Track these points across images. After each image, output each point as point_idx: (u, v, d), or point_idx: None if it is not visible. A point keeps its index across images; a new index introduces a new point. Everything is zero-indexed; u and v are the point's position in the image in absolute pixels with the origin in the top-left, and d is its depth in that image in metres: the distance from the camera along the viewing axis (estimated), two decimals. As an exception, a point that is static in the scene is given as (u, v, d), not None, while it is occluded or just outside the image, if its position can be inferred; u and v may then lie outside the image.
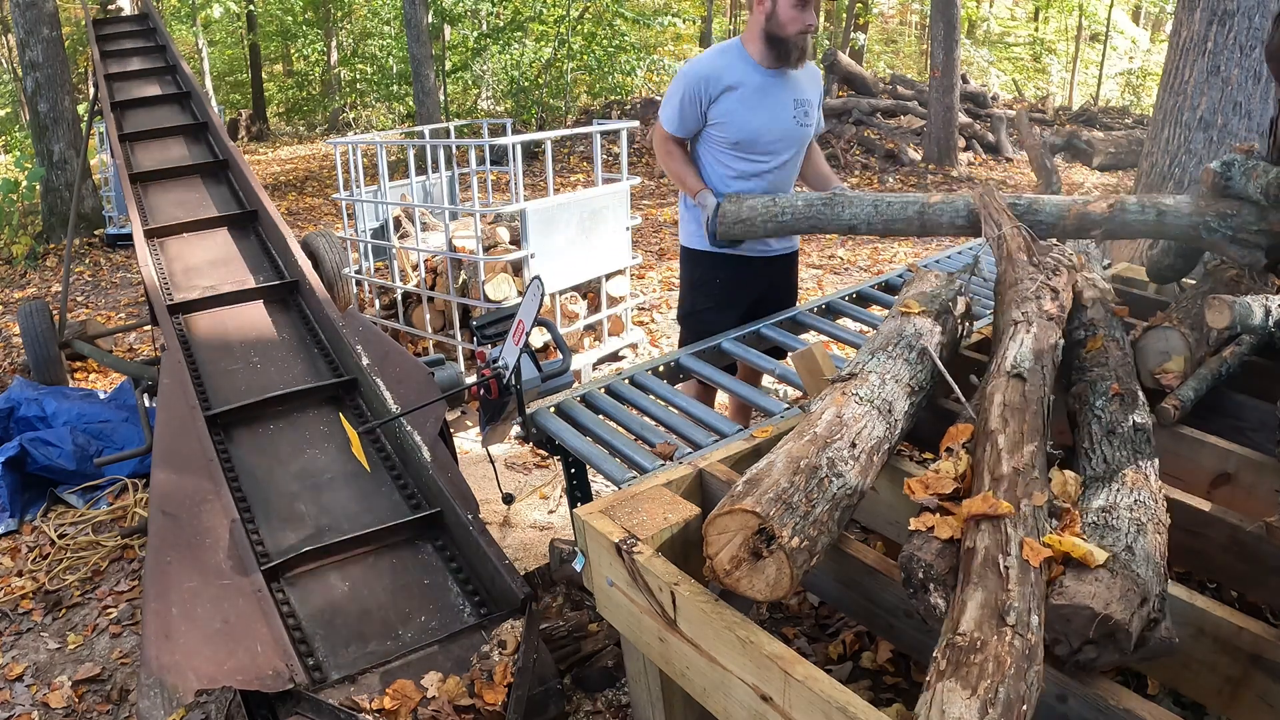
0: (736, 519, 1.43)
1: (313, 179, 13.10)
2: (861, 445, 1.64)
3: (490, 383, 2.44)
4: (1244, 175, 2.29)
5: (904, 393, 1.85)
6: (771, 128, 2.76)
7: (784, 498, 1.44)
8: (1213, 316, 1.93)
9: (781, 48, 2.67)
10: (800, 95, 2.82)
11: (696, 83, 2.71)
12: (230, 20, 19.90)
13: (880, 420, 1.73)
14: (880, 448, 1.69)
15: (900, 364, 1.90)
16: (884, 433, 1.72)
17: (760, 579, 1.41)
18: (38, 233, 9.21)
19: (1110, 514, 1.47)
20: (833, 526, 1.49)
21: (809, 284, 6.62)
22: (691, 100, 2.73)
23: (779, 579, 1.39)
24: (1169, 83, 4.54)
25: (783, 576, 1.39)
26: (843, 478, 1.54)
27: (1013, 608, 1.22)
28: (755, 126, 2.74)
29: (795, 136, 2.84)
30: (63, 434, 3.91)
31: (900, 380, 1.86)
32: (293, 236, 3.73)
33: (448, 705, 1.81)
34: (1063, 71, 19.36)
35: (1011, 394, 1.70)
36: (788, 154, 2.85)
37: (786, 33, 2.62)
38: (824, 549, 1.47)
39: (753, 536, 1.42)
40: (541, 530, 3.41)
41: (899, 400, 1.81)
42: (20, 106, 17.07)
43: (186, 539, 2.15)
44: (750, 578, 1.42)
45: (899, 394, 1.82)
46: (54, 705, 2.66)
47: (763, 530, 1.41)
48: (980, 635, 1.18)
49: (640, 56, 14.70)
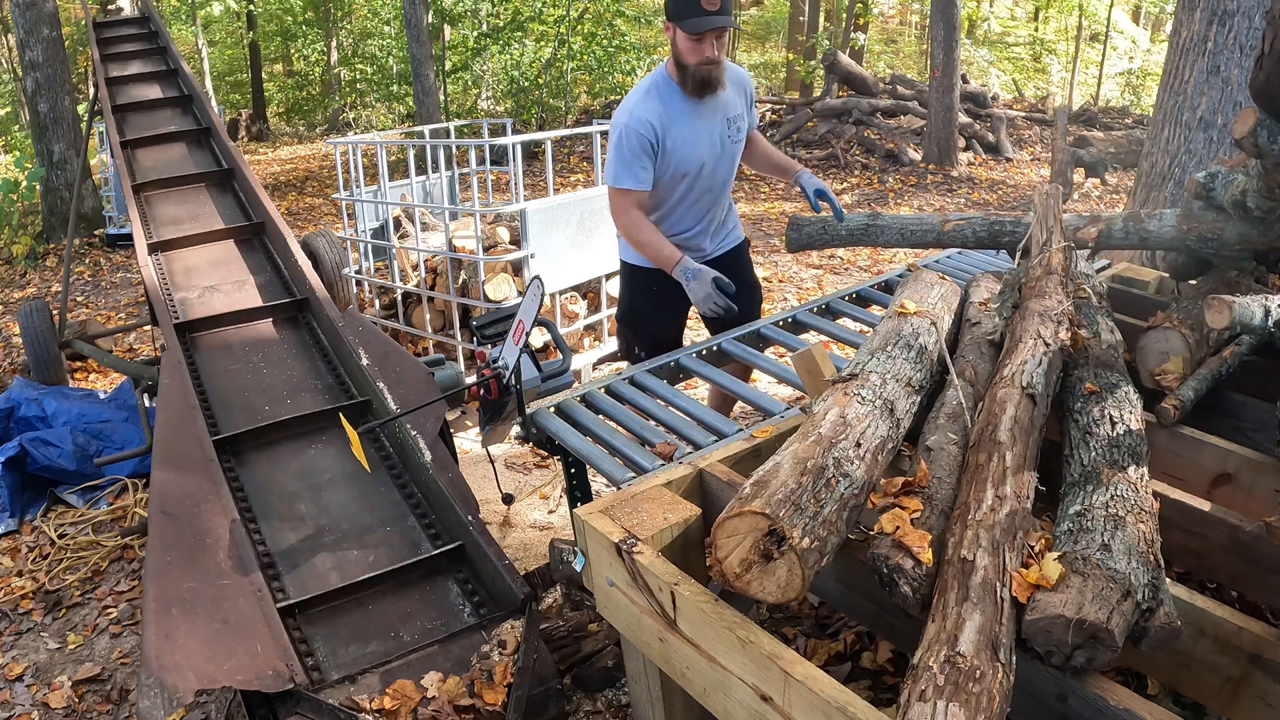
0: (746, 521, 1.42)
1: (313, 179, 13.10)
2: (866, 445, 1.64)
3: (490, 383, 2.44)
4: (1224, 187, 2.34)
5: (905, 392, 1.85)
6: (710, 154, 2.76)
7: (792, 499, 1.43)
8: (1212, 317, 1.93)
9: (685, 77, 2.63)
10: (730, 113, 2.79)
11: (643, 131, 2.63)
12: (230, 20, 19.91)
13: (883, 420, 1.73)
14: (884, 447, 1.69)
15: (900, 363, 1.90)
16: (887, 432, 1.72)
17: (771, 581, 1.40)
18: (38, 233, 9.21)
19: (1084, 517, 1.48)
20: (841, 526, 1.49)
21: (809, 284, 6.62)
22: (643, 150, 2.64)
23: (790, 580, 1.39)
24: (1169, 83, 4.54)
25: (794, 578, 1.38)
26: (849, 477, 1.54)
27: (1003, 643, 1.23)
28: (697, 157, 2.74)
29: (730, 154, 2.85)
30: (63, 434, 3.91)
31: (901, 380, 1.86)
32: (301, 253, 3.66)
33: (448, 705, 1.81)
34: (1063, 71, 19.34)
35: (1023, 412, 1.71)
36: (725, 173, 2.87)
37: (687, 62, 2.59)
38: (833, 550, 1.46)
39: (763, 539, 1.41)
40: (541, 530, 3.41)
41: (900, 400, 1.81)
42: (20, 106, 17.07)
43: (186, 539, 2.15)
44: (761, 580, 1.41)
45: (900, 393, 1.83)
46: (54, 705, 2.66)
47: (773, 532, 1.40)
48: (979, 664, 1.19)
49: (640, 56, 14.68)
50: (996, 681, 1.18)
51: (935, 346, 2.07)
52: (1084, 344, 2.09)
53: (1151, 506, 1.52)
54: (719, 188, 2.89)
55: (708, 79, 2.62)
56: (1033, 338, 1.96)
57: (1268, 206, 2.22)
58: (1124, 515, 1.45)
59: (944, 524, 1.53)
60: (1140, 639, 1.31)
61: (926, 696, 1.15)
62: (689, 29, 2.51)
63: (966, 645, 1.21)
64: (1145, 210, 2.65)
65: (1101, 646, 1.25)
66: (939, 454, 1.71)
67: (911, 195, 9.71)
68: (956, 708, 1.12)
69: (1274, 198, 2.17)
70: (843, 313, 3.09)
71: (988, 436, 1.65)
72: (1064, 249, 2.37)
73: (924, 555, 1.41)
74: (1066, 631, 1.25)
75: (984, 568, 1.34)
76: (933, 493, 1.59)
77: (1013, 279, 2.46)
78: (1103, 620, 1.24)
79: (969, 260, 3.58)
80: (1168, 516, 1.70)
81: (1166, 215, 2.54)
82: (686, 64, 2.59)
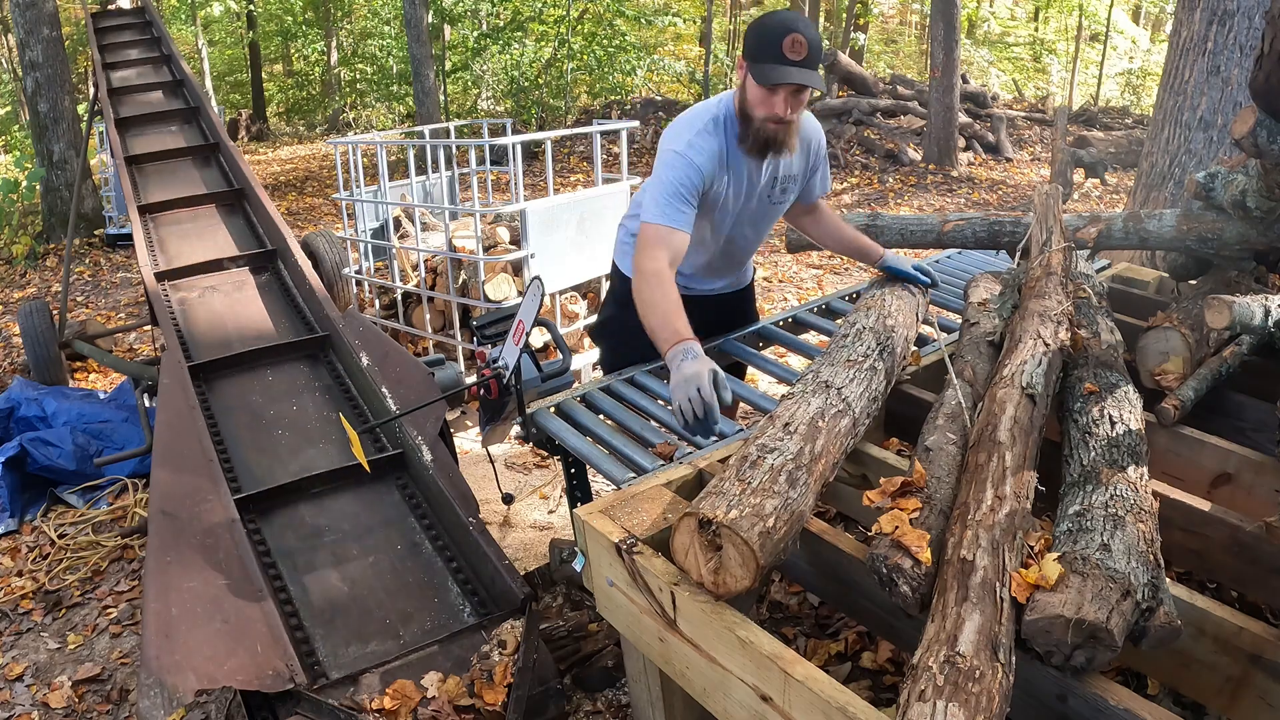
0: (683, 530, 1.51)
1: (313, 179, 13.10)
2: (796, 422, 1.70)
3: (490, 383, 2.44)
4: (1224, 188, 2.34)
5: (846, 368, 1.91)
6: (747, 215, 2.43)
7: (714, 490, 1.53)
8: (1212, 317, 1.93)
9: (747, 129, 2.21)
10: (783, 171, 2.39)
11: (694, 171, 2.20)
12: (230, 20, 19.91)
13: (816, 397, 1.79)
14: (825, 414, 1.74)
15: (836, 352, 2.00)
16: (824, 403, 1.77)
17: (733, 564, 1.45)
18: (38, 233, 9.21)
19: (1084, 517, 1.48)
20: (782, 489, 1.52)
21: (809, 284, 6.62)
22: (691, 190, 2.20)
23: (744, 555, 1.42)
24: (1169, 83, 4.54)
25: (743, 551, 1.42)
26: (778, 451, 1.60)
27: (1002, 643, 1.24)
28: (733, 219, 2.42)
29: (770, 216, 2.50)
30: (63, 434, 3.91)
31: (837, 362, 1.94)
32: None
33: (448, 705, 1.81)
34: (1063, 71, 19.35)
35: (1022, 412, 1.72)
36: (755, 238, 2.55)
37: (753, 113, 2.17)
38: (787, 514, 1.49)
39: (698, 534, 1.47)
40: (541, 530, 3.41)
41: (839, 374, 1.88)
42: (20, 106, 17.07)
43: (186, 539, 2.15)
44: (726, 571, 1.46)
45: (838, 372, 1.89)
46: (54, 705, 2.66)
47: (704, 523, 1.45)
48: (979, 664, 1.19)
49: (640, 56, 14.69)
50: (996, 682, 1.18)
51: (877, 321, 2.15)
52: (1084, 344, 2.09)
53: (1151, 506, 1.52)
54: (744, 249, 2.58)
55: (771, 141, 2.21)
56: (1032, 338, 1.97)
57: (1267, 206, 2.23)
58: (1123, 515, 1.46)
59: (943, 523, 1.53)
60: (1140, 638, 1.31)
61: (926, 696, 1.15)
62: (761, 77, 2.09)
63: (966, 645, 1.21)
64: (1145, 210, 2.65)
65: (1101, 646, 1.25)
66: (938, 454, 1.71)
67: (911, 195, 9.71)
68: (956, 708, 1.12)
69: (1274, 198, 2.18)
70: (843, 313, 3.09)
71: (987, 436, 1.66)
72: (1064, 249, 2.38)
73: (923, 555, 1.41)
74: (1066, 631, 1.25)
75: (983, 568, 1.34)
76: (931, 492, 1.60)
77: (1013, 279, 2.46)
78: (1102, 620, 1.24)
79: (969, 260, 3.58)
80: (1168, 516, 1.71)
81: (1166, 216, 2.55)
82: (752, 115, 2.17)
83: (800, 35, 2.04)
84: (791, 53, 2.05)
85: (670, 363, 1.98)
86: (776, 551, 1.47)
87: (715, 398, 1.67)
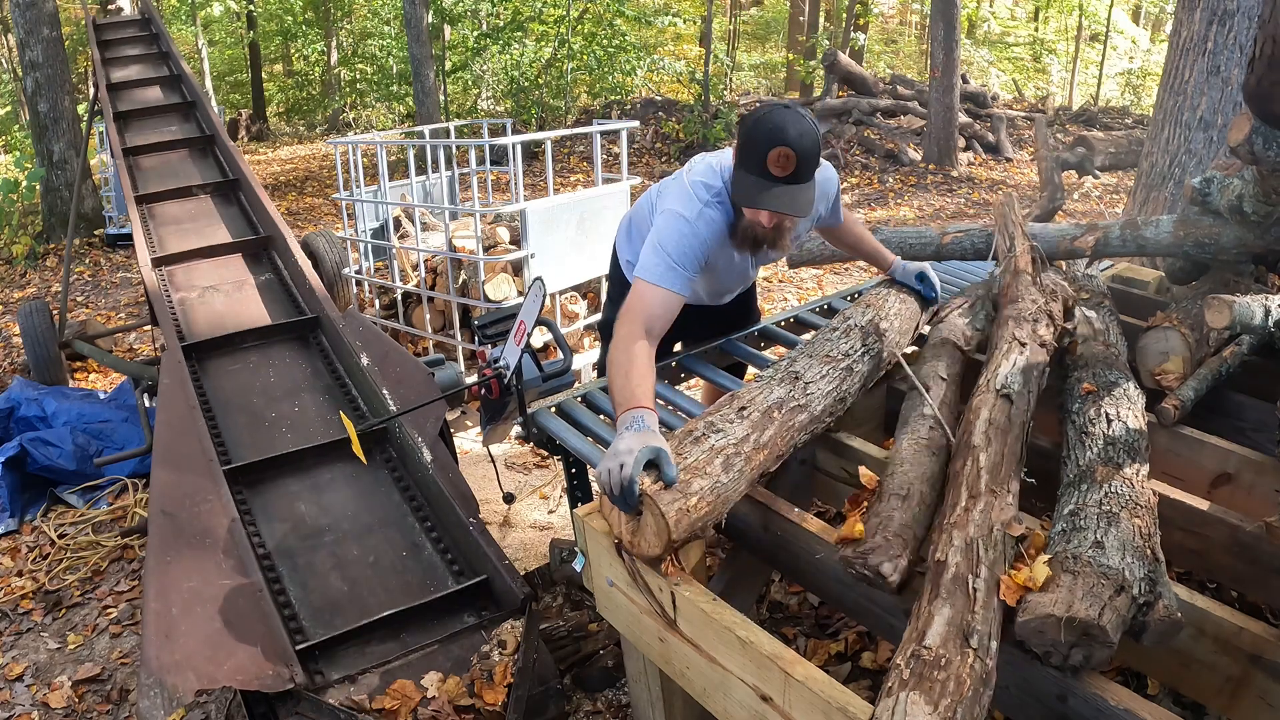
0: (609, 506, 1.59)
1: (313, 179, 13.10)
2: (752, 408, 1.72)
3: (491, 382, 2.44)
4: (1220, 192, 2.34)
5: (820, 362, 1.92)
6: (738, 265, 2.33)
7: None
8: (1212, 317, 1.93)
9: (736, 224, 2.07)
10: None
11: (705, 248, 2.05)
12: (230, 20, 19.90)
13: (780, 386, 1.82)
14: (784, 405, 1.76)
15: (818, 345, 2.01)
16: (785, 393, 1.79)
17: (649, 531, 1.51)
18: (38, 233, 9.20)
19: (1078, 516, 1.48)
20: (715, 472, 1.56)
21: (809, 284, 6.62)
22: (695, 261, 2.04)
23: (659, 526, 1.48)
24: (1169, 83, 4.54)
25: (659, 523, 1.48)
26: (722, 433, 1.64)
27: (976, 630, 1.24)
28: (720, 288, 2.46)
29: (764, 261, 2.42)
30: (63, 434, 3.91)
31: (816, 355, 1.95)
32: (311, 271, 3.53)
33: (448, 705, 1.81)
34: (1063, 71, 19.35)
35: (998, 414, 1.73)
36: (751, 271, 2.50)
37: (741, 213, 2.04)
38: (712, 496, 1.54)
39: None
40: (541, 530, 3.41)
41: (812, 368, 1.89)
42: (20, 106, 17.05)
43: (186, 539, 2.15)
44: (641, 535, 1.53)
45: (812, 365, 1.91)
46: (54, 705, 2.66)
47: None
48: (945, 653, 1.19)
49: (640, 56, 14.68)
50: (966, 666, 1.17)
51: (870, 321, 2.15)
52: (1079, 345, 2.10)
53: (1149, 501, 1.52)
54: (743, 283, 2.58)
55: (759, 241, 2.08)
56: (1007, 341, 1.98)
57: (1264, 211, 2.23)
58: (1118, 511, 1.46)
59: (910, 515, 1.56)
60: (1140, 633, 1.31)
61: (892, 691, 1.16)
62: (743, 195, 1.95)
63: (933, 638, 1.22)
64: (1142, 218, 2.65)
65: (1096, 643, 1.25)
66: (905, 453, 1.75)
67: (911, 195, 9.71)
68: (918, 695, 1.13)
69: (1270, 202, 2.18)
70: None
71: (964, 443, 1.67)
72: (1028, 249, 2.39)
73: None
74: (1059, 630, 1.25)
75: (955, 564, 1.34)
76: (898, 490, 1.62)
77: (984, 291, 2.47)
78: (1094, 617, 1.24)
79: (965, 267, 3.58)
80: (1168, 517, 1.71)
81: (1163, 222, 2.55)
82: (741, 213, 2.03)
83: (788, 149, 1.85)
84: (776, 168, 1.87)
85: (617, 427, 1.74)
86: (692, 529, 1.51)
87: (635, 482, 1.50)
